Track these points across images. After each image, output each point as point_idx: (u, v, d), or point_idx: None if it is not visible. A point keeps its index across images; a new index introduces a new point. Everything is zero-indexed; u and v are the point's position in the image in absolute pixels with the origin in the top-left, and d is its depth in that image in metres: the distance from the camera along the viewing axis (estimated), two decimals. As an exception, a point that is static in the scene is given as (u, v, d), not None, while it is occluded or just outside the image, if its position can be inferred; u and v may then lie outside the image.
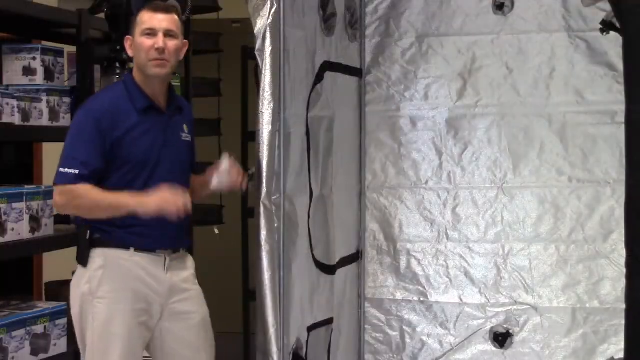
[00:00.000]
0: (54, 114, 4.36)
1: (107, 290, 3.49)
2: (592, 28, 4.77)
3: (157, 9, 3.50)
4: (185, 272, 3.64)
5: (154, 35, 3.46)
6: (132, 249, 3.50)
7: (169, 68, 3.50)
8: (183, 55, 3.60)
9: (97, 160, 3.42)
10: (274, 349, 3.89)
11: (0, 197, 3.98)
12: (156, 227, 3.48)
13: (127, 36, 3.57)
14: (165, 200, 3.39)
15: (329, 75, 4.53)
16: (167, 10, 3.52)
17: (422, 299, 5.09)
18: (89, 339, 3.52)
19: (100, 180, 3.46)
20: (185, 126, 3.66)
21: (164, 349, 3.61)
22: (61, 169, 3.43)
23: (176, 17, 3.53)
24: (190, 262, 3.71)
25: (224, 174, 3.63)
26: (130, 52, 3.55)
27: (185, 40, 3.59)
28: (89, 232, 3.52)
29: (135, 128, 3.47)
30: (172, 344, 3.60)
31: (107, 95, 3.64)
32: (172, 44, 3.48)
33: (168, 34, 3.48)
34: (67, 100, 4.46)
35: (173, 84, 4.92)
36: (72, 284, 3.59)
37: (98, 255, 3.52)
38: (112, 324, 3.47)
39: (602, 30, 4.21)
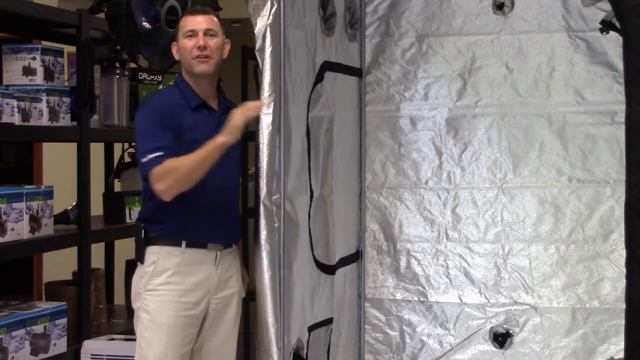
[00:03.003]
0: (54, 114, 4.37)
1: (157, 284, 3.65)
2: (592, 28, 4.77)
3: (195, 12, 3.74)
4: (232, 269, 3.80)
5: (195, 35, 3.68)
6: (183, 245, 3.64)
7: (213, 65, 3.72)
8: (227, 53, 3.80)
9: (171, 142, 3.58)
10: (274, 349, 3.89)
11: (0, 197, 3.99)
12: (209, 220, 3.66)
13: (173, 42, 3.77)
14: (240, 114, 3.60)
15: (329, 75, 4.53)
16: (205, 12, 3.75)
17: (422, 299, 5.09)
18: (138, 330, 3.68)
19: None
20: None
21: (200, 341, 3.75)
22: (143, 160, 3.57)
23: (214, 17, 3.75)
24: (238, 259, 3.87)
25: None
26: (177, 57, 3.76)
27: (227, 39, 3.79)
28: (143, 231, 3.66)
29: (190, 125, 3.66)
30: (207, 337, 3.75)
31: (159, 96, 3.87)
32: (213, 41, 3.71)
33: (208, 32, 3.70)
34: (67, 100, 4.47)
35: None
36: (132, 281, 3.76)
37: (152, 253, 3.67)
38: (160, 315, 3.63)
39: (602, 30, 4.22)
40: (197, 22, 3.69)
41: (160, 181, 3.54)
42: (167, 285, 3.63)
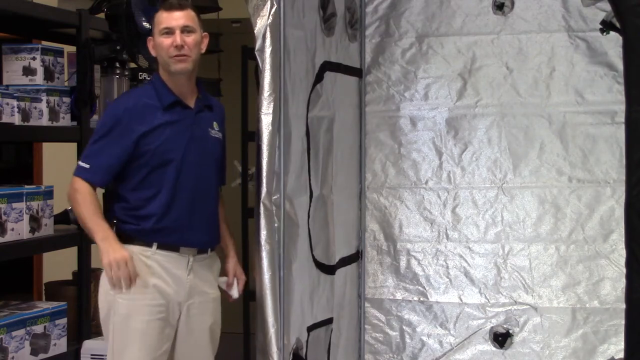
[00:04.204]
0: (54, 114, 4.36)
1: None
2: (592, 28, 4.77)
3: (171, 8, 3.58)
4: (208, 274, 3.70)
5: (172, 33, 3.55)
6: (154, 246, 3.55)
7: (190, 63, 3.59)
8: (205, 48, 3.67)
9: (109, 158, 3.51)
10: (274, 349, 3.88)
11: (0, 197, 3.99)
12: (182, 224, 3.56)
13: (149, 37, 3.65)
14: (110, 262, 3.43)
15: (329, 75, 4.52)
16: (181, 7, 3.59)
17: (422, 299, 5.09)
18: (110, 333, 3.58)
19: (126, 176, 3.55)
20: (215, 124, 3.73)
21: (176, 347, 3.66)
22: (78, 161, 3.55)
23: (191, 11, 3.61)
24: (216, 265, 3.77)
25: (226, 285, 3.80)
26: (153, 53, 3.64)
27: (205, 33, 3.67)
28: (115, 229, 3.58)
29: (162, 123, 3.56)
30: (181, 344, 3.64)
31: (133, 94, 3.80)
32: (190, 38, 3.57)
33: (185, 29, 3.57)
34: (67, 100, 4.47)
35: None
36: (100, 281, 3.64)
37: None
38: (132, 319, 3.53)
39: (602, 30, 4.22)
40: (174, 18, 3.55)
41: (70, 190, 3.52)
42: (138, 287, 3.50)
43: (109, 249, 3.43)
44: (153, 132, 3.53)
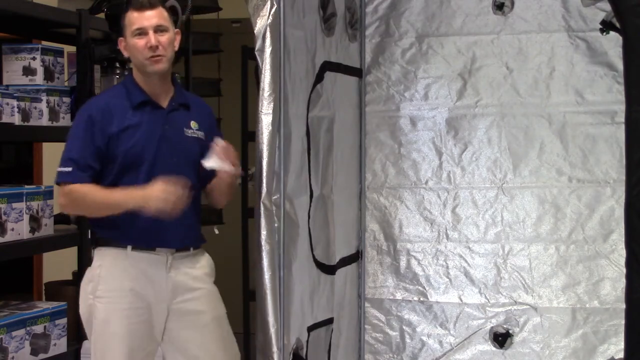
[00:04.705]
0: (54, 114, 4.36)
1: (105, 290, 3.50)
2: (592, 28, 4.77)
3: (142, 7, 3.50)
4: (196, 270, 3.62)
5: (145, 34, 3.47)
6: (129, 248, 3.50)
7: (166, 62, 3.52)
8: (178, 46, 3.60)
9: (89, 157, 3.45)
10: (274, 349, 3.88)
11: (0, 197, 3.99)
12: (155, 225, 3.46)
13: (120, 38, 3.57)
14: (161, 194, 3.35)
15: (329, 75, 4.52)
16: (152, 5, 3.51)
17: (422, 299, 5.09)
18: (92, 337, 3.54)
19: (100, 177, 3.48)
20: (193, 123, 3.63)
21: (175, 350, 3.59)
22: (58, 169, 3.47)
23: (162, 9, 3.53)
24: (204, 260, 3.69)
25: (215, 151, 3.54)
26: (125, 54, 3.57)
27: (177, 30, 3.59)
28: (90, 231, 3.53)
29: (131, 123, 3.48)
30: (183, 344, 3.58)
31: (105, 94, 3.73)
32: (164, 38, 3.50)
33: (158, 29, 3.49)
34: (67, 100, 4.47)
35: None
36: (81, 283, 3.62)
37: (98, 255, 3.55)
38: (111, 324, 3.48)
39: (602, 30, 4.22)
40: (146, 18, 3.46)
41: (64, 199, 3.45)
42: (115, 291, 3.47)
43: (144, 197, 3.36)
44: (123, 133, 3.47)
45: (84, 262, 4.55)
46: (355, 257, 5.06)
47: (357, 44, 5.02)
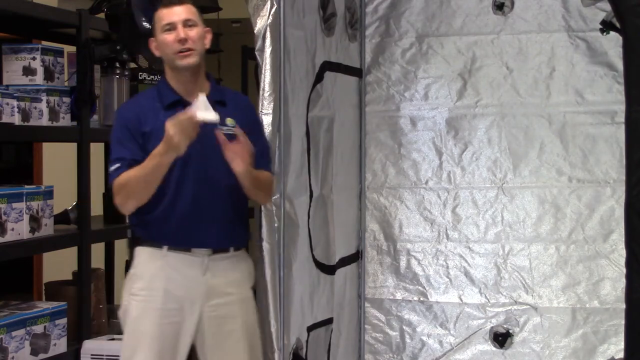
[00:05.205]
0: (54, 114, 4.36)
1: (139, 288, 3.51)
2: (592, 28, 4.77)
3: (171, 4, 3.51)
4: (233, 274, 3.58)
5: (174, 28, 3.47)
6: (165, 248, 3.49)
7: (196, 56, 3.50)
8: (209, 43, 3.59)
9: (132, 152, 3.44)
10: (274, 349, 3.89)
11: (0, 197, 3.99)
12: (192, 224, 3.47)
13: (151, 38, 3.57)
14: (171, 129, 3.29)
15: (329, 75, 4.53)
16: (180, 2, 3.52)
17: (422, 299, 5.09)
18: (124, 334, 3.55)
19: None
20: (229, 119, 3.54)
21: (205, 353, 3.57)
22: (108, 171, 3.51)
23: (191, 6, 3.53)
24: (244, 264, 3.64)
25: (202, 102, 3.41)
26: (157, 53, 3.56)
27: (207, 28, 3.58)
28: (130, 231, 3.56)
29: (162, 123, 3.42)
30: (211, 348, 3.55)
31: (138, 97, 3.76)
32: (193, 32, 3.49)
33: (187, 23, 3.48)
34: (67, 100, 4.47)
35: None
36: (125, 279, 3.62)
37: (136, 254, 3.56)
38: (141, 322, 3.48)
39: (602, 30, 4.22)
40: (175, 13, 3.47)
41: (116, 195, 3.45)
42: (148, 290, 3.47)
43: (165, 142, 3.31)
44: (155, 134, 3.45)
45: (84, 262, 4.55)
46: (355, 257, 5.06)
47: (357, 44, 5.02)
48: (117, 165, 3.44)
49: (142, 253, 3.53)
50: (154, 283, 3.49)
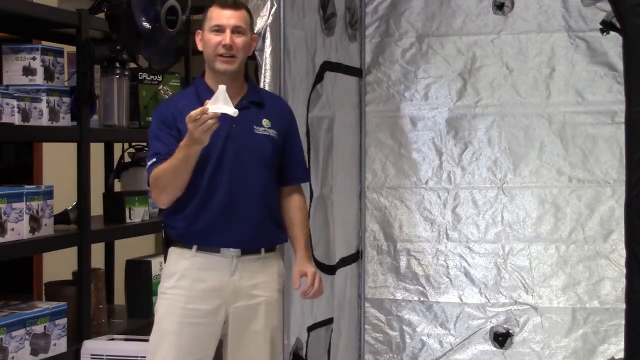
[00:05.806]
0: (54, 114, 4.36)
1: (167, 287, 3.52)
2: (592, 28, 4.78)
3: (225, 6, 3.49)
4: (261, 276, 3.54)
5: (222, 31, 3.45)
6: (194, 248, 3.48)
7: (236, 65, 3.48)
8: (252, 51, 3.59)
9: (168, 148, 3.42)
10: (274, 349, 3.88)
11: (0, 197, 3.98)
12: (222, 224, 3.46)
13: (198, 30, 3.55)
14: (191, 125, 3.27)
15: (329, 75, 4.53)
16: (235, 6, 3.50)
17: (422, 299, 5.09)
18: (152, 330, 3.55)
19: None
20: (265, 121, 3.54)
21: (227, 353, 3.56)
22: (147, 165, 3.49)
23: (245, 12, 3.52)
24: (275, 266, 3.60)
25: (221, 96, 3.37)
26: (200, 46, 3.54)
27: (254, 35, 3.58)
28: (163, 232, 3.56)
29: None
30: (233, 348, 3.53)
31: (177, 95, 3.78)
32: (239, 40, 3.47)
33: (236, 30, 3.46)
34: (67, 100, 4.46)
35: (175, 83, 4.93)
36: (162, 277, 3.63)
37: (169, 254, 3.56)
38: (165, 320, 3.48)
39: (602, 30, 4.22)
40: (226, 16, 3.45)
41: (152, 189, 3.46)
42: (175, 289, 3.47)
43: (188, 136, 3.29)
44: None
45: (84, 262, 4.55)
46: (355, 257, 5.06)
47: (357, 44, 5.03)
48: (153, 160, 3.45)
49: (173, 253, 3.54)
50: (181, 282, 3.48)
